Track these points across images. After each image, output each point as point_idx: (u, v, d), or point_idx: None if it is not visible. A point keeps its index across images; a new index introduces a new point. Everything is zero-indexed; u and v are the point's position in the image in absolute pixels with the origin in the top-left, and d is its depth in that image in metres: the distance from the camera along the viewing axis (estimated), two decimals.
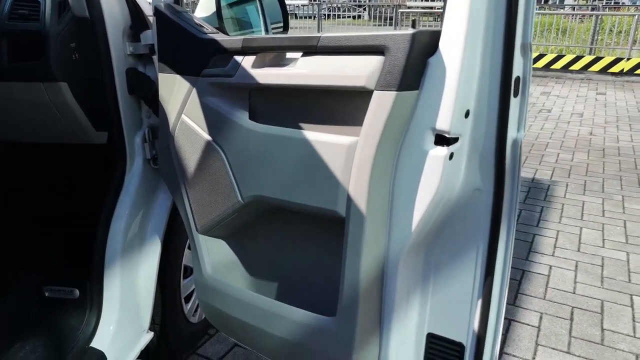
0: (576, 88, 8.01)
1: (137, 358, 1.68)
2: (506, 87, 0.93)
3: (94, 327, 1.49)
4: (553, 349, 2.12)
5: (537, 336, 2.19)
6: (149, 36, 1.54)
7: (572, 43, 9.75)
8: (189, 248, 1.93)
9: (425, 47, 0.94)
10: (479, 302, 1.08)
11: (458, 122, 0.96)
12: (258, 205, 1.25)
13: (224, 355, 2.07)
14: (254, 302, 1.28)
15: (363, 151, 1.01)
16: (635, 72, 8.31)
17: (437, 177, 0.98)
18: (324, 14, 17.26)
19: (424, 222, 1.03)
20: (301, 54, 1.11)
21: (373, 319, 1.12)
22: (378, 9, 17.61)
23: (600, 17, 9.39)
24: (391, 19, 14.30)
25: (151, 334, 1.72)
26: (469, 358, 1.10)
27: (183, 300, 1.96)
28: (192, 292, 2.02)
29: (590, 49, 9.22)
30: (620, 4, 17.16)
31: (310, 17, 17.16)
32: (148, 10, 1.57)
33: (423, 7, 16.36)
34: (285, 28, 1.76)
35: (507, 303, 2.42)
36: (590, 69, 8.65)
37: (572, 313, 2.35)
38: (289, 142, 1.13)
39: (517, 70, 0.93)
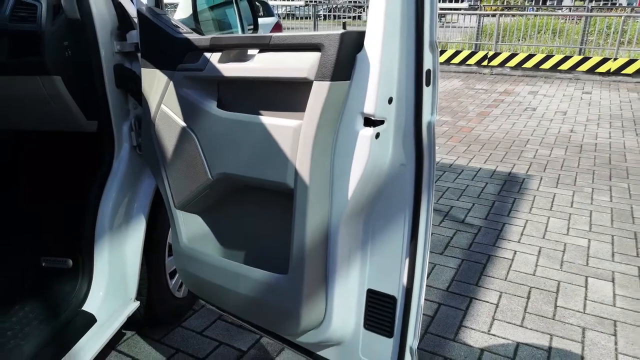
0: (564, 87, 8.20)
1: (125, 325, 1.88)
2: (419, 78, 1.13)
3: (85, 293, 1.69)
4: (508, 322, 2.31)
5: (495, 312, 2.39)
6: (134, 36, 1.73)
7: (562, 43, 9.94)
8: None
9: (353, 45, 1.14)
10: (407, 261, 1.27)
11: (382, 107, 1.15)
12: (225, 182, 1.45)
13: (207, 327, 2.27)
14: (222, 266, 1.48)
15: (306, 132, 1.20)
16: (622, 72, 8.50)
17: (366, 153, 1.18)
18: (323, 15, 17.46)
19: (359, 191, 1.23)
20: (257, 50, 1.31)
21: (319, 276, 1.31)
22: None
23: (589, 17, 9.58)
24: None
25: (137, 303, 1.91)
26: (399, 308, 1.30)
27: (168, 276, 2.15)
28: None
29: (580, 49, 9.41)
30: (609, 4, 17.31)
31: (308, 18, 17.36)
32: (134, 13, 1.77)
33: None
34: (255, 29, 1.96)
35: (470, 283, 2.62)
36: (579, 69, 8.84)
37: (529, 292, 2.55)
38: (249, 126, 1.33)
39: (427, 64, 1.13)
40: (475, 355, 2.10)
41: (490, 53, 9.57)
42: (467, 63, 9.77)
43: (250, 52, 1.39)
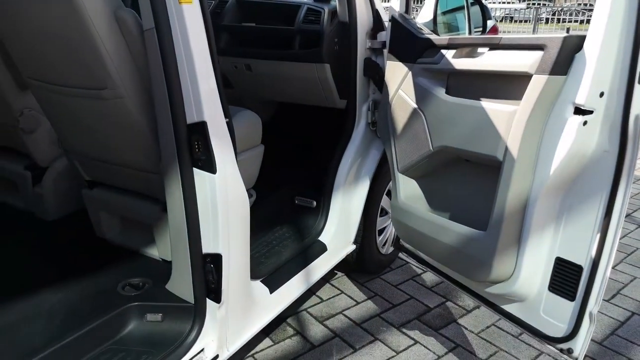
0: None
1: (338, 267, 2.39)
2: (632, 77, 1.31)
3: (322, 228, 2.24)
4: None
5: None
6: (384, 36, 2.20)
7: None
8: (387, 195, 2.57)
9: (573, 46, 1.37)
10: (597, 236, 1.45)
11: (593, 99, 1.36)
12: (442, 153, 1.80)
13: (401, 283, 2.68)
14: (429, 219, 1.84)
15: (520, 116, 1.48)
16: None
17: (572, 137, 1.40)
18: (546, 18, 16.38)
19: (561, 169, 1.46)
20: (487, 49, 1.63)
21: (513, 237, 1.58)
22: None
23: None
24: None
25: (354, 247, 2.42)
26: (584, 276, 1.48)
27: (377, 233, 2.62)
28: (384, 228, 2.67)
29: None
30: None
31: (527, 21, 16.48)
32: (385, 17, 2.24)
33: None
34: (483, 31, 2.26)
35: None
36: None
37: None
38: (470, 109, 1.66)
39: None
40: None
41: None
42: None
43: (479, 50, 1.71)
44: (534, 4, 16.12)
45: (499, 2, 20.92)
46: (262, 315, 1.84)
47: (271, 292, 1.88)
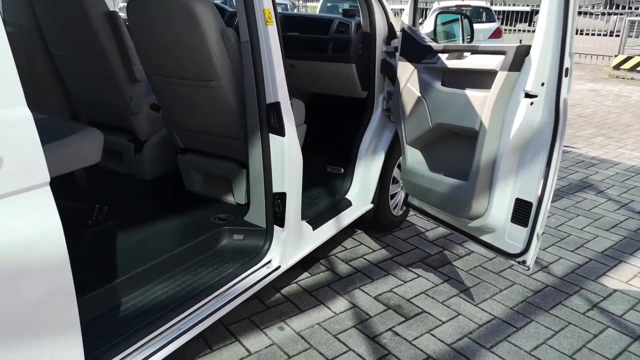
0: None
1: (358, 225, 3.06)
2: (561, 72, 1.99)
3: (347, 188, 2.95)
4: None
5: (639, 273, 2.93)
6: (396, 42, 2.90)
7: None
8: (397, 167, 3.26)
9: (524, 52, 2.06)
10: (541, 181, 2.14)
11: (537, 87, 2.05)
12: (438, 128, 2.50)
13: (408, 238, 3.37)
14: (429, 176, 2.54)
15: (490, 100, 2.17)
16: None
17: (524, 113, 2.09)
18: None
19: (517, 136, 2.14)
20: (470, 53, 2.32)
21: (486, 185, 2.26)
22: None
23: None
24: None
25: (372, 205, 3.12)
26: (533, 209, 2.17)
27: (389, 197, 3.31)
28: (395, 194, 3.36)
29: None
30: None
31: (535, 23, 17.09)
32: (397, 28, 2.94)
33: None
34: (471, 40, 2.95)
35: (624, 252, 3.16)
36: None
37: None
38: (457, 96, 2.35)
39: (566, 64, 1.98)
40: (608, 291, 2.75)
41: None
42: None
43: (464, 54, 2.41)
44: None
45: (508, 5, 21.47)
46: (308, 244, 2.54)
47: (314, 230, 2.58)
